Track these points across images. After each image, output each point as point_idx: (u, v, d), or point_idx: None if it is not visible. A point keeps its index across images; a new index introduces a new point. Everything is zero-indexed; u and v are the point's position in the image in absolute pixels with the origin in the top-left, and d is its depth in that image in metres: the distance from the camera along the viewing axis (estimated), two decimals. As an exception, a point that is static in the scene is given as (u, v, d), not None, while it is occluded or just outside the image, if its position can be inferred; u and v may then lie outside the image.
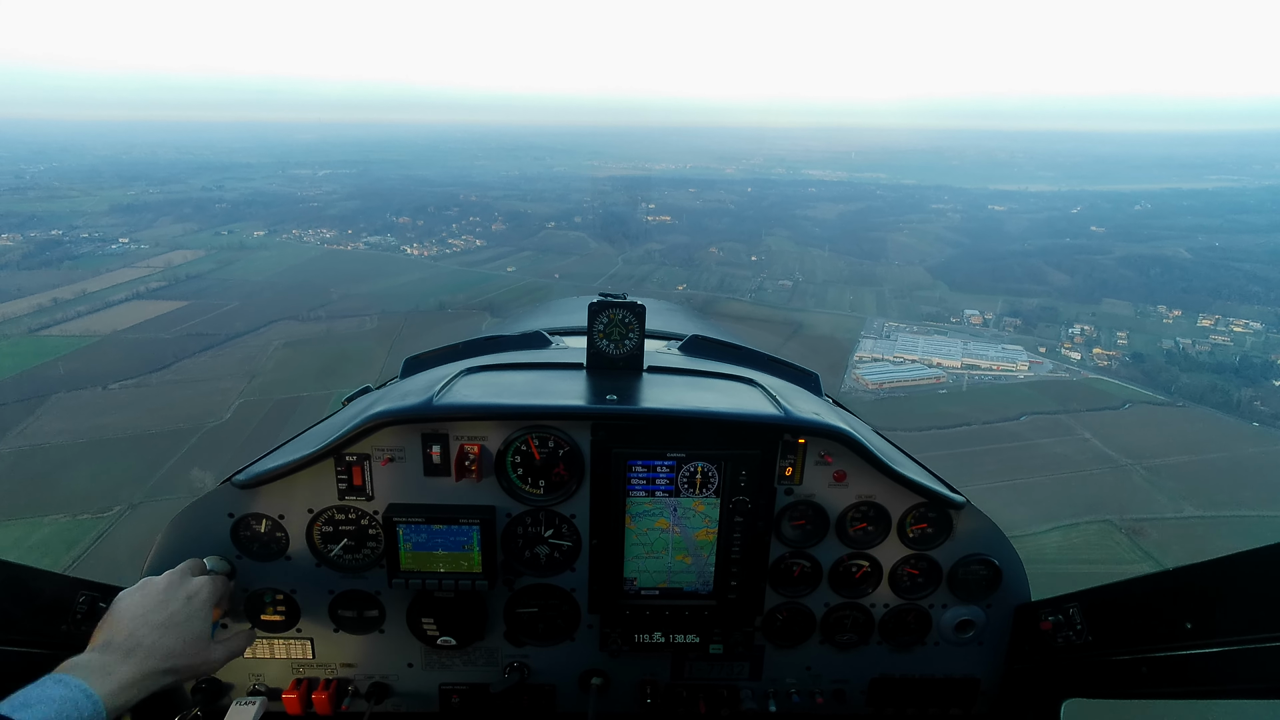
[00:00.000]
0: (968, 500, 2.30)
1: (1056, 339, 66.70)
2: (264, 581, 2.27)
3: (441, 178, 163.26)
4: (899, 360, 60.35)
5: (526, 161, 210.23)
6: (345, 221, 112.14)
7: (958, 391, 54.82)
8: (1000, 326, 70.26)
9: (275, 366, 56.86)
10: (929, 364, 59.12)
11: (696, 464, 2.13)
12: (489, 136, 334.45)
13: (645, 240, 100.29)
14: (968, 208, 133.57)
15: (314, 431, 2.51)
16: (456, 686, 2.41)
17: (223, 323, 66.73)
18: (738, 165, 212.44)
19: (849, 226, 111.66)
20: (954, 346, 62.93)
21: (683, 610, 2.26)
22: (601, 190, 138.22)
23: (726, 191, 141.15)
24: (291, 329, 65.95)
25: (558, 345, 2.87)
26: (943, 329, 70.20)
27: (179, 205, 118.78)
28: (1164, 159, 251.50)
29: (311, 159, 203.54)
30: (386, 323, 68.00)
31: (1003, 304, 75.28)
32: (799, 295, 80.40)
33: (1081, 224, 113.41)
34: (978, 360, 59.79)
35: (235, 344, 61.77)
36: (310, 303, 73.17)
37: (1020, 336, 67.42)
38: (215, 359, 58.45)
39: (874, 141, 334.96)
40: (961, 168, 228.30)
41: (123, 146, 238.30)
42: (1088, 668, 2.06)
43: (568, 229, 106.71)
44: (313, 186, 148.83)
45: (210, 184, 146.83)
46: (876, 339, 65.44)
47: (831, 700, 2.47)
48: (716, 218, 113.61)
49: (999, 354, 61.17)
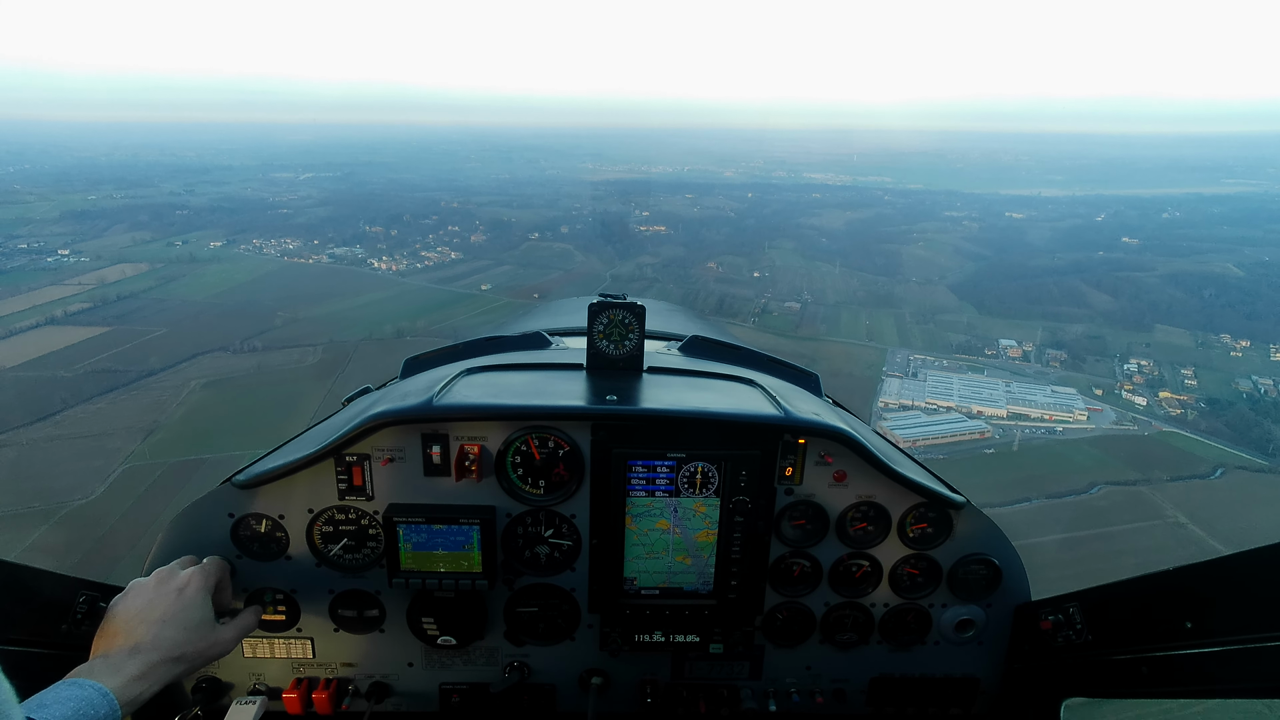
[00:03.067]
0: (967, 500, 2.25)
1: (1111, 377, 56.19)
2: (264, 581, 2.23)
3: (428, 182, 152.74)
4: (932, 408, 49.85)
5: (519, 164, 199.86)
6: (313, 231, 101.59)
7: (1007, 451, 44.33)
8: (1043, 361, 59.71)
9: (184, 417, 46.34)
10: (969, 413, 48.63)
11: (697, 464, 2.11)
12: (484, 138, 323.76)
13: (637, 253, 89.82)
14: (983, 215, 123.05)
15: (314, 432, 2.45)
16: (457, 686, 2.37)
17: (140, 356, 56.17)
18: (737, 168, 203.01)
19: (859, 237, 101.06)
20: (995, 389, 52.38)
21: (683, 610, 2.25)
22: (594, 196, 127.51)
23: (726, 197, 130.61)
24: (218, 364, 55.45)
25: (558, 346, 2.81)
26: (977, 363, 59.67)
27: (137, 212, 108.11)
28: (1172, 162, 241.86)
29: (298, 161, 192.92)
30: (331, 355, 57.53)
31: (1042, 332, 64.75)
32: (808, 319, 69.89)
33: (1111, 234, 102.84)
34: (1026, 407, 49.30)
35: (146, 384, 51.24)
36: (249, 329, 62.67)
37: (1069, 374, 56.89)
38: (115, 405, 47.93)
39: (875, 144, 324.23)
40: (966, 171, 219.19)
41: (107, 148, 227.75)
42: (1087, 667, 2.05)
43: (553, 240, 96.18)
44: (289, 191, 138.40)
45: (181, 188, 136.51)
46: (903, 378, 54.92)
47: (831, 700, 2.45)
48: (715, 227, 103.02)
49: (1050, 399, 50.62)
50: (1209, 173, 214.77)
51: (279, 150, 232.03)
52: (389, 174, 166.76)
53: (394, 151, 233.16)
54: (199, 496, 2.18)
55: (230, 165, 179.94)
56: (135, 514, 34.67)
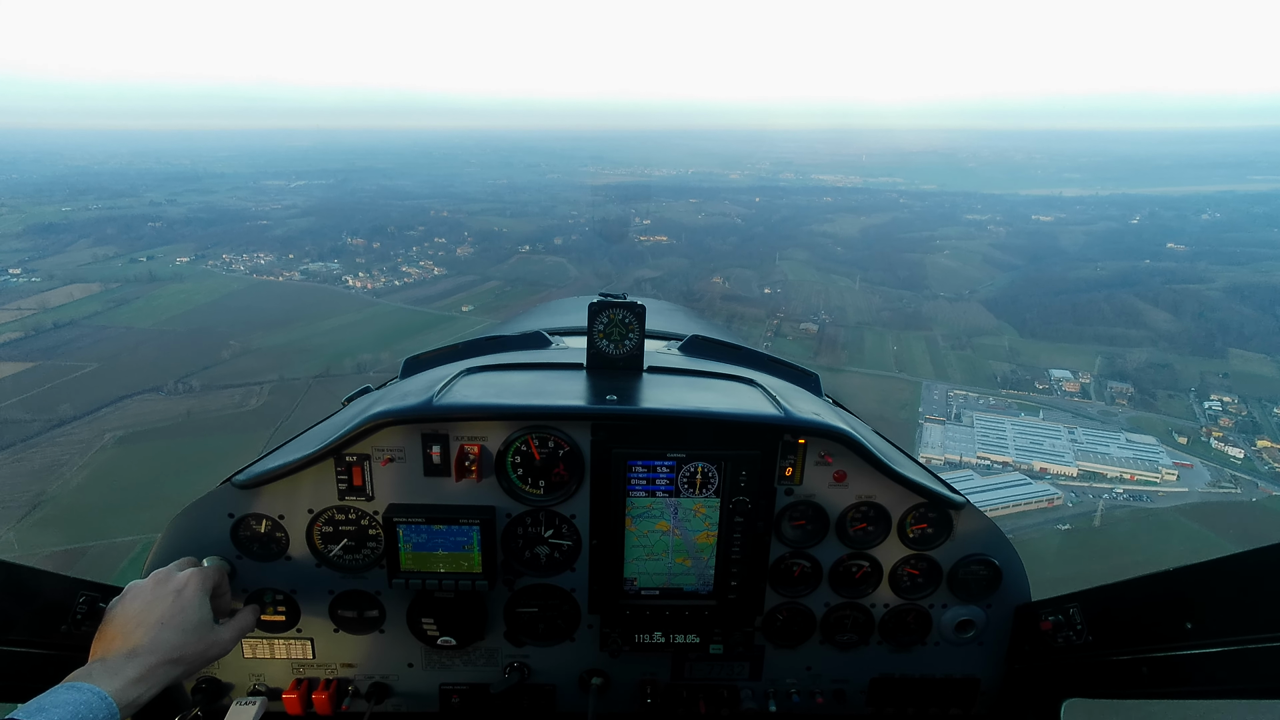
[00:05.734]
0: (967, 500, 2.23)
1: (1191, 418, 46.77)
2: (264, 581, 2.21)
3: (421, 188, 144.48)
4: (985, 463, 40.61)
5: (519, 169, 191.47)
6: (290, 244, 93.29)
7: (1087, 526, 35.13)
8: (1106, 396, 50.32)
9: (82, 485, 37.78)
10: (1030, 471, 39.40)
11: (697, 464, 2.09)
12: (487, 142, 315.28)
13: (636, 266, 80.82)
14: (1008, 218, 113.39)
15: (314, 432, 2.41)
16: (457, 686, 2.35)
17: (57, 398, 47.85)
18: (743, 170, 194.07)
19: (877, 245, 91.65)
20: (1058, 437, 43.10)
21: (683, 610, 2.23)
22: (593, 202, 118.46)
23: (732, 202, 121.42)
24: (143, 410, 46.95)
25: (558, 345, 2.78)
26: (1028, 399, 50.34)
27: (106, 225, 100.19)
28: (1190, 158, 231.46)
29: (292, 168, 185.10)
30: (276, 397, 48.97)
31: (1100, 360, 55.26)
32: (827, 345, 60.73)
33: (1151, 239, 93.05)
34: (1100, 464, 40.02)
35: (51, 438, 42.77)
36: (191, 364, 54.21)
37: (1140, 414, 47.49)
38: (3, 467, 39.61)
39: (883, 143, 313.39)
40: (980, 170, 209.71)
41: (104, 155, 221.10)
42: (1088, 668, 2.04)
43: (545, 253, 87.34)
44: (276, 199, 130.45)
45: (164, 197, 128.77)
46: (946, 422, 45.65)
47: (831, 700, 2.43)
48: (721, 236, 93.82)
49: (1128, 452, 41.29)
50: (1233, 169, 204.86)
51: (276, 156, 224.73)
52: (382, 180, 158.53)
53: (393, 157, 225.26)
54: (199, 497, 2.12)
55: (223, 173, 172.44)
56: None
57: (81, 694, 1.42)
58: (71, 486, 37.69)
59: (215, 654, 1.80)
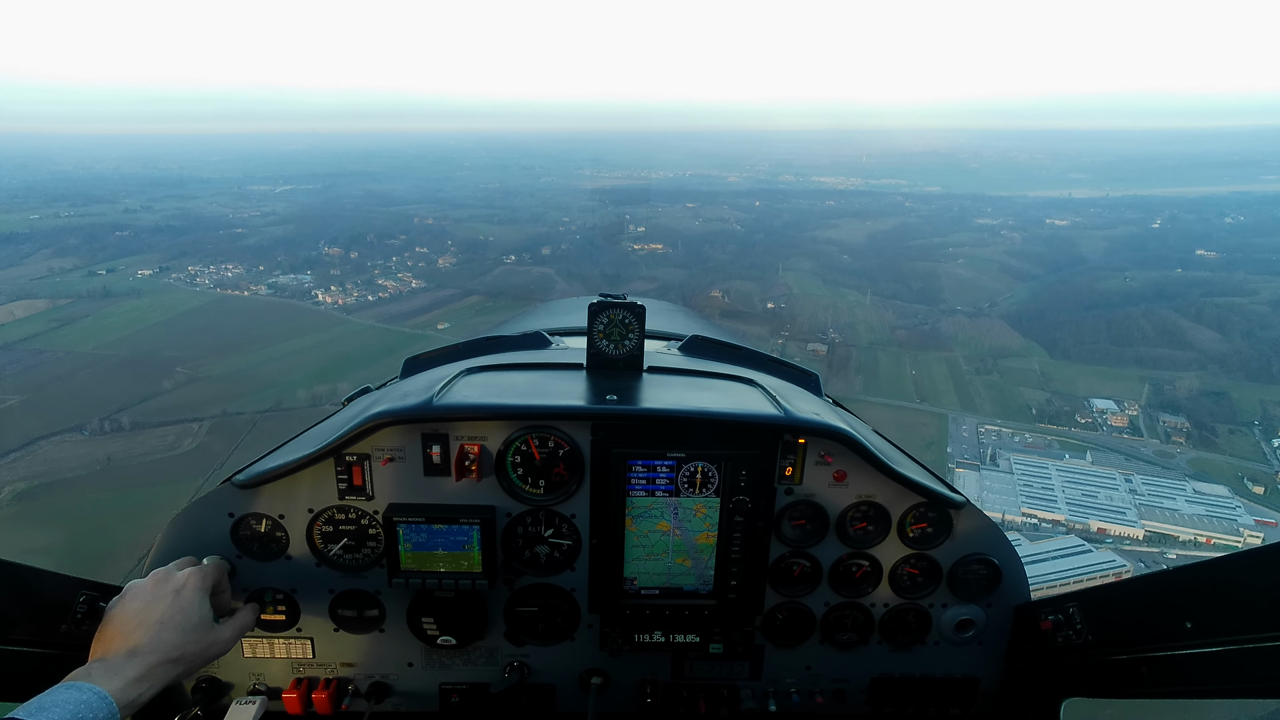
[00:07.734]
0: (967, 500, 2.21)
1: (1262, 460, 40.31)
2: (264, 581, 2.19)
3: (409, 193, 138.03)
4: (1032, 521, 34.09)
5: (514, 172, 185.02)
6: (262, 255, 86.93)
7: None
8: (1160, 433, 43.81)
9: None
10: (1087, 533, 32.88)
11: (697, 464, 2.09)
12: (482, 144, 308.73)
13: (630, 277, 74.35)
14: (1021, 223, 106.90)
15: (314, 431, 2.40)
16: (456, 686, 2.34)
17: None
18: (741, 172, 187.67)
19: (885, 253, 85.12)
20: (1114, 487, 36.61)
21: (683, 610, 2.23)
22: (585, 208, 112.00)
23: (731, 206, 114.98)
24: (58, 455, 40.47)
25: (558, 345, 2.76)
26: (1069, 437, 43.88)
27: (69, 234, 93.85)
28: (1195, 158, 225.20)
29: (280, 173, 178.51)
30: (214, 438, 42.50)
31: (1147, 389, 48.77)
32: (838, 368, 54.27)
33: (1177, 245, 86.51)
34: (1168, 523, 33.53)
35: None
36: (127, 395, 47.77)
37: (1202, 454, 41.04)
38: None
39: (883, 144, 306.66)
40: (983, 171, 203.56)
41: (90, 160, 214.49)
42: (1088, 667, 2.04)
43: (531, 264, 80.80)
44: (257, 206, 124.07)
45: (140, 204, 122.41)
46: (980, 467, 39.11)
47: (831, 700, 2.42)
48: (720, 244, 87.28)
49: (1198, 507, 34.80)
50: (1241, 169, 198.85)
51: (266, 161, 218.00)
52: (371, 185, 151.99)
53: (386, 160, 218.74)
54: (198, 497, 2.12)
55: (209, 178, 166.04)
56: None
57: (81, 693, 1.42)
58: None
59: (215, 653, 1.79)
